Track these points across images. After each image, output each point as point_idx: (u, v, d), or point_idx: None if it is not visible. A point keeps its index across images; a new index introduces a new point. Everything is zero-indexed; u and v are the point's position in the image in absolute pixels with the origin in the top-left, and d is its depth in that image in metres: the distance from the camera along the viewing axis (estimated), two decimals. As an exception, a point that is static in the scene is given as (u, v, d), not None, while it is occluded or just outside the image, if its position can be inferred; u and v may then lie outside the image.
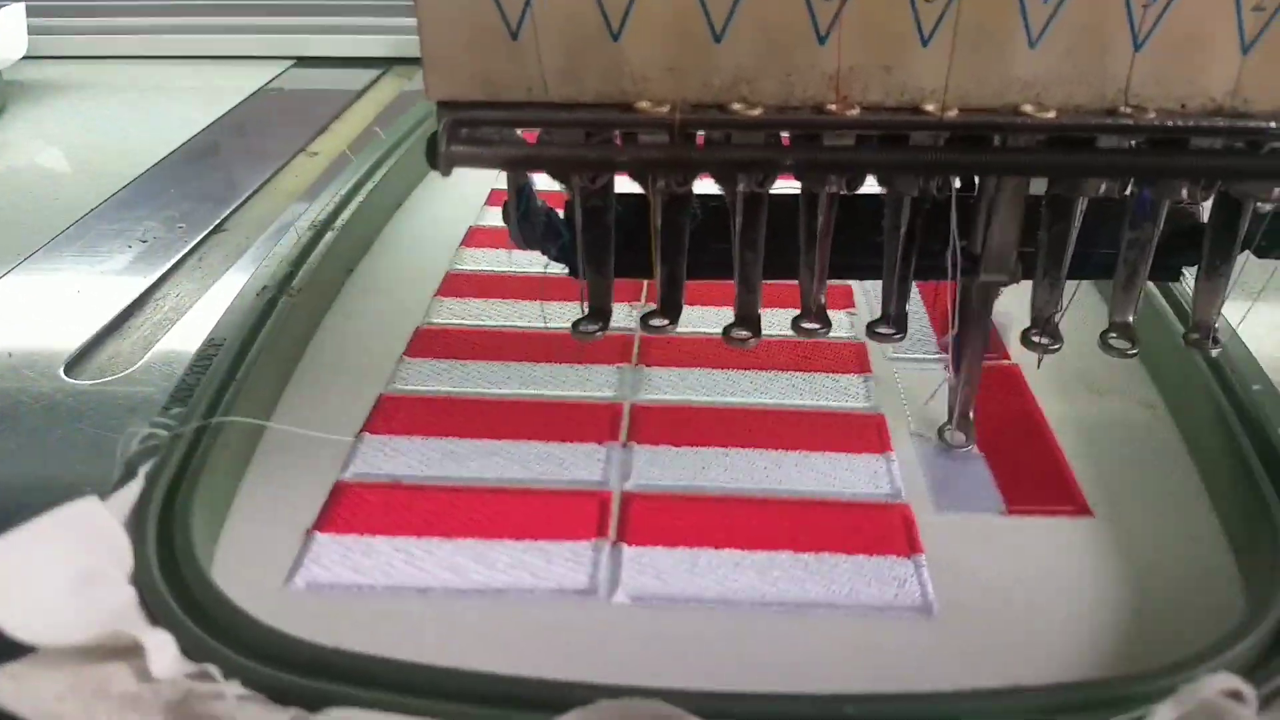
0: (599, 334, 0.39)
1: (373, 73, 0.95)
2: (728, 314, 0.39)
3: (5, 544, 0.32)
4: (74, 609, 0.32)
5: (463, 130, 0.32)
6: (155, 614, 0.33)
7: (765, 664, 0.34)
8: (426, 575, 0.38)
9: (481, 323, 0.55)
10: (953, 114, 0.31)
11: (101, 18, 1.04)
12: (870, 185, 0.37)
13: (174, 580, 0.35)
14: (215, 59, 1.01)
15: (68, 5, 1.06)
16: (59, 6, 1.05)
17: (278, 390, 0.48)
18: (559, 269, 0.40)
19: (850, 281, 0.59)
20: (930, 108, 0.32)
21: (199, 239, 0.61)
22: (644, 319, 0.39)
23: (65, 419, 0.45)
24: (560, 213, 0.39)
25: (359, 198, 0.63)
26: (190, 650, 0.32)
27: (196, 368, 0.46)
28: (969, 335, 0.42)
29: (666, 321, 0.39)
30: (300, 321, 0.52)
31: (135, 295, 0.55)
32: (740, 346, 0.39)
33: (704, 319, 0.53)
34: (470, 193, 0.71)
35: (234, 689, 0.30)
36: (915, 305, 0.56)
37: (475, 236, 0.66)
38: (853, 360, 0.51)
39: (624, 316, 0.55)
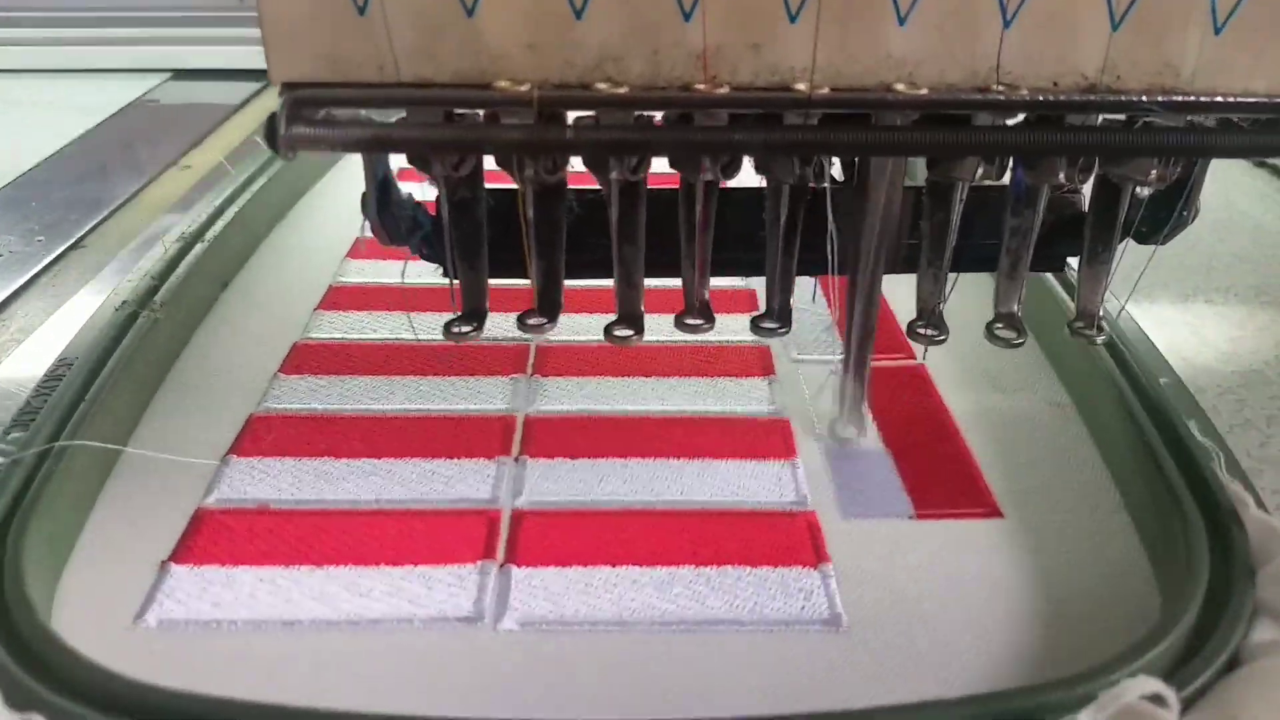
0: (473, 335, 0.36)
1: (255, 85, 0.91)
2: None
3: None
4: None
5: (315, 112, 0.29)
6: (-29, 658, 0.29)
7: (665, 688, 0.32)
8: (293, 607, 0.34)
9: (365, 336, 0.52)
10: (824, 92, 0.30)
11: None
12: (751, 179, 0.35)
13: (1, 621, 0.31)
14: (87, 72, 0.95)
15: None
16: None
17: (136, 413, 0.44)
18: (427, 279, 0.37)
19: (754, 284, 0.57)
20: (801, 87, 0.30)
21: (54, 256, 0.57)
22: (521, 319, 0.36)
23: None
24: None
25: (233, 209, 0.59)
26: (15, 699, 0.28)
27: (43, 389, 0.42)
28: (855, 325, 0.40)
29: (545, 320, 0.36)
30: (164, 339, 0.48)
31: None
32: (623, 344, 0.37)
33: (601, 327, 0.50)
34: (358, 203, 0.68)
35: (61, 742, 0.27)
36: (820, 305, 0.55)
37: (361, 248, 0.62)
38: (756, 363, 0.49)
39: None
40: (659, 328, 0.51)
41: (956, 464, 0.43)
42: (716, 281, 0.37)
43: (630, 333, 0.37)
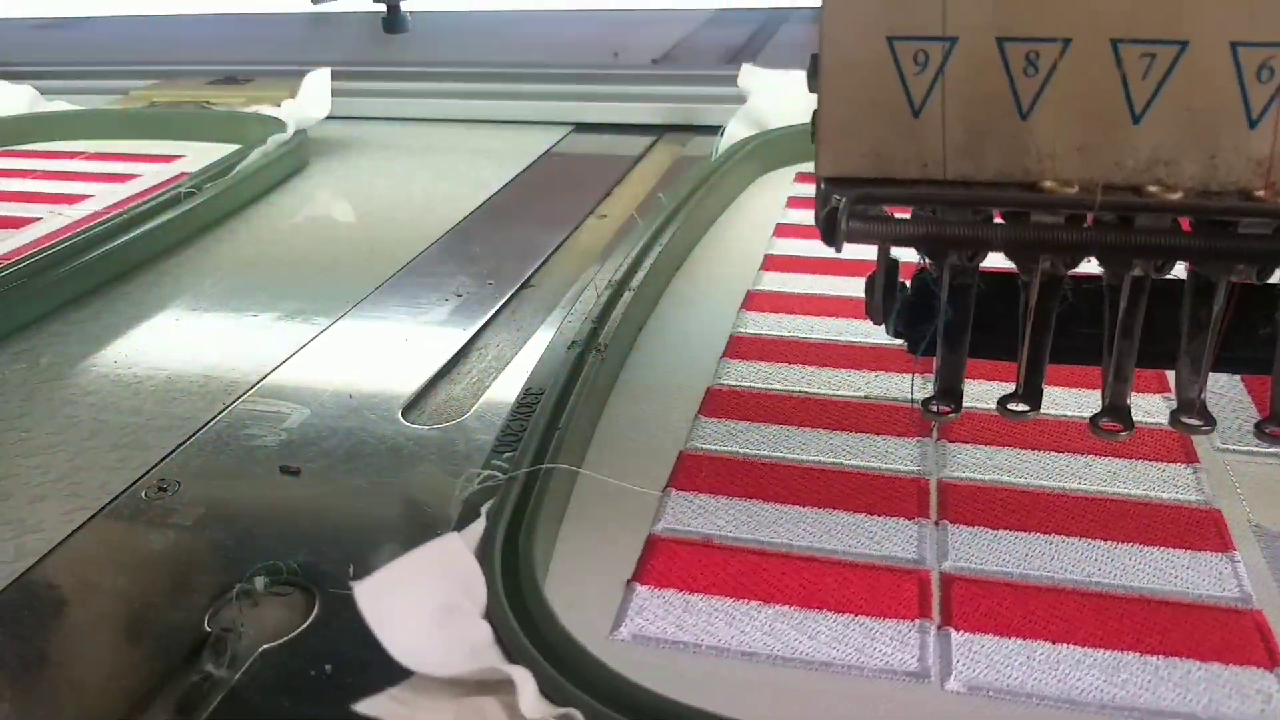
0: (953, 416, 0.38)
1: (646, 139, 0.99)
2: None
3: (388, 574, 0.34)
4: (441, 640, 0.33)
5: (860, 207, 0.32)
6: (509, 650, 0.34)
7: (1119, 772, 0.32)
8: (748, 638, 0.38)
9: (770, 386, 0.56)
10: None
11: (398, 82, 1.13)
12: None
13: (522, 618, 0.36)
14: (501, 123, 1.07)
15: (369, 70, 1.16)
16: (361, 71, 1.15)
17: (587, 442, 0.50)
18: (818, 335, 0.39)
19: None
20: None
21: (509, 294, 0.65)
22: (1001, 402, 0.38)
23: (407, 462, 0.47)
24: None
25: (649, 260, 0.65)
26: (545, 690, 0.33)
27: (519, 414, 0.48)
28: None
29: (1027, 407, 0.37)
30: (605, 376, 0.54)
31: (460, 345, 0.58)
32: (1111, 439, 0.37)
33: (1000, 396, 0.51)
34: (746, 254, 0.72)
35: (596, 736, 0.31)
36: (1239, 392, 0.53)
37: (754, 300, 0.66)
38: (1177, 448, 0.48)
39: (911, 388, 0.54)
40: (1063, 402, 0.51)
41: None
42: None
43: (1120, 427, 0.37)
